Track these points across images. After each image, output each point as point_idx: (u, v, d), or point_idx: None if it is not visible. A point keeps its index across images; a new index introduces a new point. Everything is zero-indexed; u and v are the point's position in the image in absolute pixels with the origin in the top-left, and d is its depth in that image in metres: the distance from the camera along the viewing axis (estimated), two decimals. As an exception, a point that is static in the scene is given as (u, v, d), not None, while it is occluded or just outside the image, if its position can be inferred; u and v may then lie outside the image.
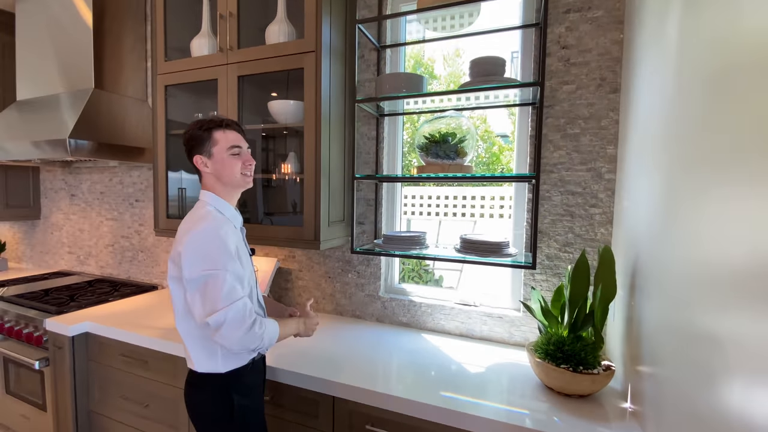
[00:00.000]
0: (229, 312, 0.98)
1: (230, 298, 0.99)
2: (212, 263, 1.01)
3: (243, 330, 0.99)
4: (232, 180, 1.14)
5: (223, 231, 1.04)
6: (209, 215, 1.08)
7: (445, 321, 1.62)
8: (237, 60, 1.60)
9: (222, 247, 1.02)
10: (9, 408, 2.00)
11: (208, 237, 1.02)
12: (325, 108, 1.48)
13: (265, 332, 1.04)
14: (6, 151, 2.04)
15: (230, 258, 1.03)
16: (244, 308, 1.01)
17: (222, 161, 1.12)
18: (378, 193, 1.70)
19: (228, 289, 1.00)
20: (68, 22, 2.10)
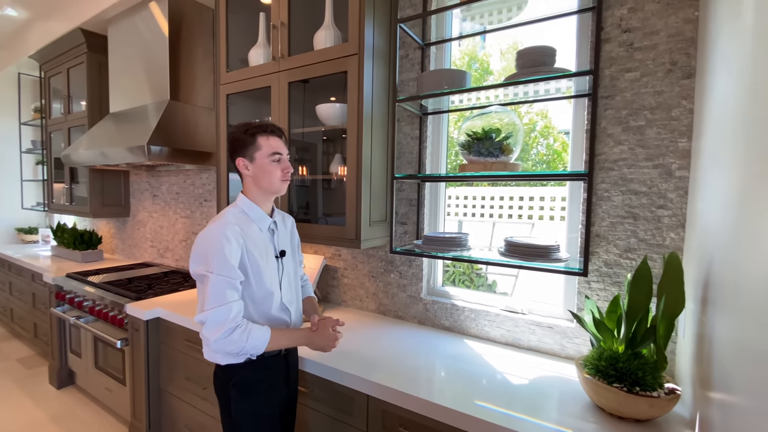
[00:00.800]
0: (210, 315, 1.03)
1: (215, 301, 1.04)
2: (206, 265, 1.06)
3: (220, 334, 1.02)
4: (269, 185, 1.18)
5: (230, 233, 1.08)
6: (225, 216, 1.13)
7: (489, 327, 1.54)
8: (287, 67, 1.69)
9: (219, 251, 1.06)
10: (96, 381, 2.31)
11: (210, 239, 1.07)
12: (366, 109, 1.49)
13: (249, 338, 1.05)
14: (106, 156, 2.36)
15: (224, 262, 1.06)
16: (226, 313, 1.04)
17: (262, 167, 1.16)
18: (420, 193, 1.68)
19: (215, 292, 1.04)
20: (151, 41, 2.37)
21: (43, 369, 2.91)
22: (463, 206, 3.26)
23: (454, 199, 3.29)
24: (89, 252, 3.01)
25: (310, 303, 1.42)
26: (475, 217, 3.21)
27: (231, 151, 1.20)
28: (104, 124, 2.60)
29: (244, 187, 1.22)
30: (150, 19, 2.37)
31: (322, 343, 1.18)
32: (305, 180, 2.00)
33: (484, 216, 3.21)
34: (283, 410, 1.24)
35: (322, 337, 1.18)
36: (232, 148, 1.19)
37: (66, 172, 3.12)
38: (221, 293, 1.05)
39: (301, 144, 2.01)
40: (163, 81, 2.31)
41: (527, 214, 2.95)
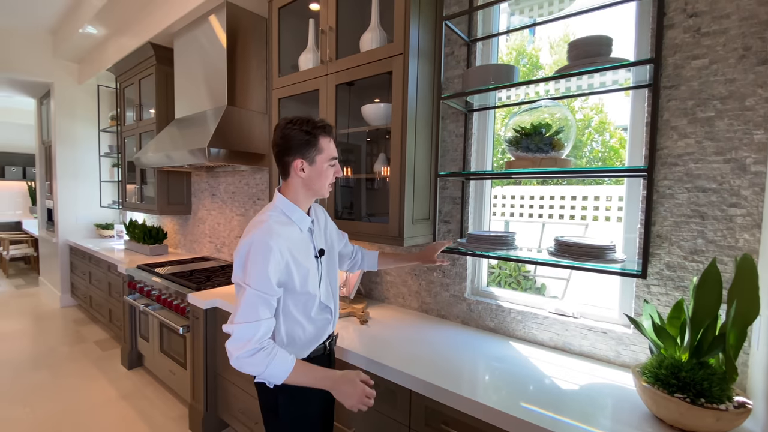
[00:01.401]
0: (238, 329, 0.98)
1: (245, 316, 0.98)
2: (245, 275, 1.01)
3: (243, 351, 0.97)
4: (319, 189, 1.13)
5: (274, 243, 1.01)
6: (268, 220, 1.05)
7: (537, 330, 1.49)
8: (335, 70, 1.74)
9: (260, 263, 0.99)
10: (161, 363, 2.52)
11: (253, 248, 1.00)
12: (411, 108, 1.50)
13: (270, 365, 0.97)
14: (171, 158, 2.58)
15: (263, 276, 0.99)
16: (253, 331, 0.98)
17: (320, 171, 1.10)
18: (465, 191, 1.66)
19: (247, 306, 0.99)
20: (210, 51, 2.55)
21: (116, 351, 3.23)
22: (510, 206, 3.15)
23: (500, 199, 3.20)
24: (156, 246, 3.30)
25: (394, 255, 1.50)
26: (523, 218, 3.09)
27: (285, 150, 1.09)
28: (169, 129, 2.84)
29: (287, 186, 1.13)
30: (209, 31, 2.55)
31: (348, 394, 1.04)
32: (349, 180, 2.05)
33: (533, 216, 3.09)
34: (325, 407, 1.21)
35: (350, 388, 1.04)
36: (286, 146, 1.09)
37: (137, 173, 3.45)
38: (253, 309, 0.99)
39: (345, 145, 2.06)
40: (221, 88, 2.48)
41: (580, 215, 2.79)
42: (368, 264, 1.51)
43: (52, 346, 3.30)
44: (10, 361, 2.99)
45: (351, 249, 1.48)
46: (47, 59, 4.11)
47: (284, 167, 1.12)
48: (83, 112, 4.40)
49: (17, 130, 7.15)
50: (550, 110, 1.28)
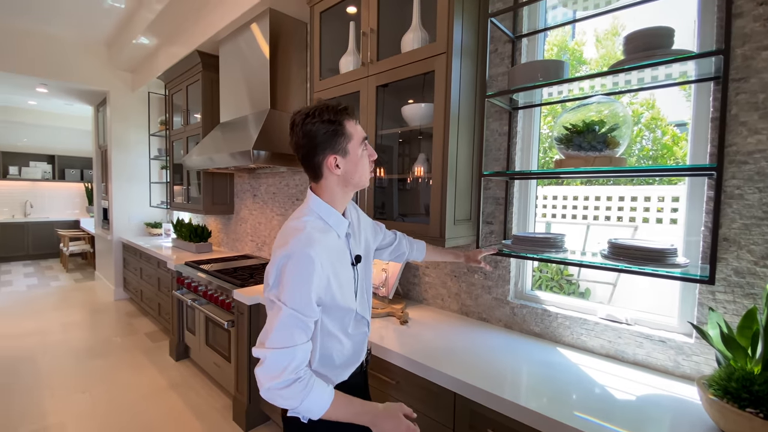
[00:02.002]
0: (270, 355, 0.84)
1: (280, 341, 0.85)
2: (280, 292, 0.87)
3: (275, 382, 0.82)
4: (359, 180, 0.99)
5: (316, 254, 0.87)
6: (305, 227, 0.91)
7: (587, 337, 1.43)
8: (376, 71, 1.75)
9: (300, 279, 0.86)
10: (207, 356, 2.64)
11: (291, 261, 0.87)
12: (453, 107, 1.49)
13: (306, 400, 0.84)
14: (213, 161, 2.70)
15: (303, 295, 0.86)
16: (288, 358, 0.83)
17: (356, 161, 0.96)
18: (509, 191, 1.62)
19: (282, 330, 0.85)
20: (253, 57, 2.65)
21: (165, 343, 3.41)
22: (552, 206, 3.04)
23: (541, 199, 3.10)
24: (201, 244, 3.46)
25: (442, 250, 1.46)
26: (566, 219, 2.98)
27: (311, 149, 0.94)
28: (213, 133, 2.97)
29: (322, 187, 0.99)
30: (251, 38, 2.65)
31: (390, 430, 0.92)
32: (382, 180, 2.05)
33: (577, 218, 2.97)
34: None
35: (391, 424, 0.92)
36: (312, 144, 0.93)
37: (184, 175, 3.63)
38: (289, 333, 0.85)
39: (379, 147, 2.07)
40: (263, 92, 2.56)
41: (628, 216, 2.65)
42: (417, 254, 1.40)
43: (107, 337, 3.53)
44: (72, 350, 3.23)
45: (393, 238, 1.33)
46: (104, 69, 4.42)
47: (315, 169, 0.97)
48: (135, 118, 4.70)
49: (76, 135, 7.74)
50: (603, 106, 1.23)
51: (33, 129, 7.24)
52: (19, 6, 3.49)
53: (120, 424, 2.23)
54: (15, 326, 3.73)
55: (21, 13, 3.62)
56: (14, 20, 3.77)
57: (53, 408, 2.38)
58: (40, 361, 3.00)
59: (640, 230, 2.52)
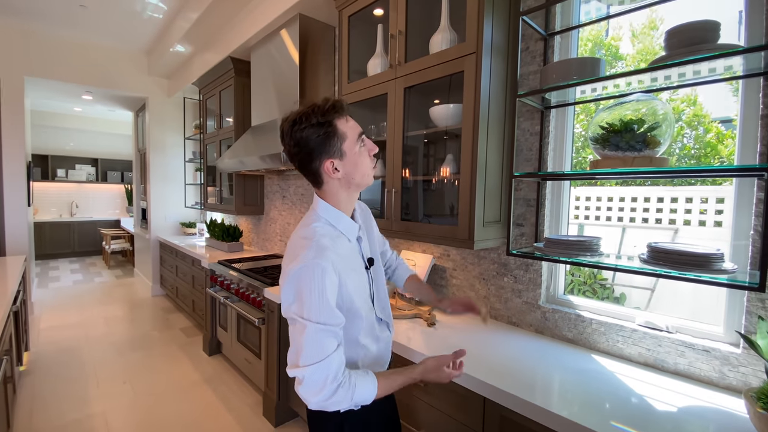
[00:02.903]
0: (308, 373, 0.83)
1: (313, 356, 0.84)
2: (300, 308, 0.86)
3: (321, 396, 0.84)
4: (362, 179, 0.96)
5: (327, 262, 0.86)
6: (314, 235, 0.90)
7: (624, 344, 1.38)
8: (404, 73, 1.76)
9: (317, 291, 0.85)
10: (238, 352, 2.72)
11: (304, 275, 0.85)
12: (483, 107, 1.47)
13: (354, 396, 0.86)
14: (244, 163, 2.78)
15: (323, 306, 0.85)
16: (326, 370, 0.84)
17: (355, 160, 0.93)
18: (540, 192, 1.58)
19: (312, 345, 0.84)
20: (282, 62, 2.71)
21: (198, 338, 3.55)
22: (585, 208, 2.94)
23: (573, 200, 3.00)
24: (233, 243, 3.57)
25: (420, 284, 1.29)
26: (600, 221, 2.87)
27: (305, 157, 0.91)
28: (244, 137, 3.06)
29: (325, 193, 0.97)
30: (281, 44, 2.71)
31: (437, 380, 0.98)
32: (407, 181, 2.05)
33: (611, 220, 2.86)
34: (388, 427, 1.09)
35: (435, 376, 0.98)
36: (305, 151, 0.91)
37: (217, 177, 3.76)
38: (320, 346, 0.84)
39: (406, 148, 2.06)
40: (291, 96, 2.62)
41: (668, 219, 2.52)
42: (398, 278, 1.35)
43: (145, 331, 3.71)
44: (114, 342, 3.42)
45: (389, 256, 1.34)
46: (143, 76, 4.66)
47: (315, 176, 0.94)
48: (171, 123, 4.91)
49: (117, 139, 8.18)
50: (643, 104, 1.18)
51: (78, 134, 7.72)
52: (69, 19, 3.73)
53: (158, 414, 2.34)
54: (63, 319, 3.98)
55: (70, 25, 3.87)
56: (64, 32, 4.04)
57: (97, 397, 2.52)
58: (85, 352, 3.19)
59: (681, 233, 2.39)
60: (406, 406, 1.45)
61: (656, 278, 2.64)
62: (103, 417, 2.31)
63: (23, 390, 2.56)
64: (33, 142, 7.09)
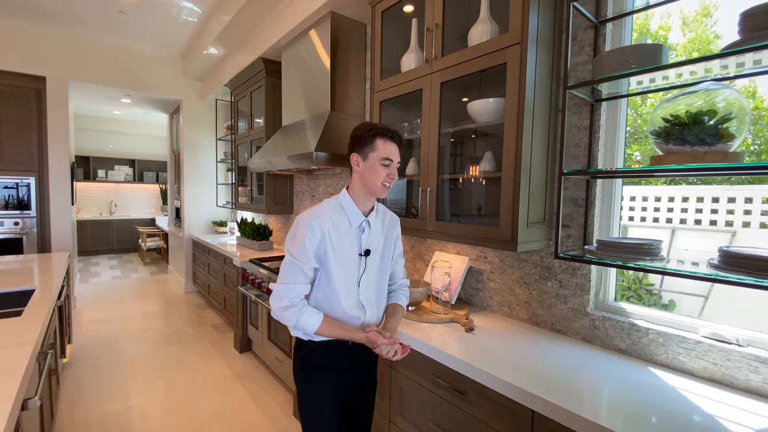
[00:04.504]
0: (277, 288, 1.20)
1: (284, 279, 1.20)
2: (289, 245, 1.22)
3: (278, 307, 1.19)
4: (371, 186, 1.24)
5: (315, 222, 1.19)
6: (322, 206, 1.25)
7: (685, 357, 1.26)
8: (440, 68, 1.69)
9: (301, 237, 1.19)
10: (268, 350, 2.73)
11: (299, 225, 1.21)
12: (528, 101, 1.38)
13: (299, 320, 1.18)
14: (272, 163, 2.79)
15: (302, 248, 1.19)
16: (287, 291, 1.19)
17: (371, 167, 1.22)
18: (590, 191, 1.48)
19: (287, 271, 1.21)
20: (312, 62, 2.70)
21: (229, 335, 3.60)
22: (629, 208, 2.77)
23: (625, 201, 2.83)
24: (263, 242, 3.61)
25: (392, 312, 1.40)
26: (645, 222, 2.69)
27: (350, 146, 1.27)
28: (275, 137, 3.08)
29: (351, 182, 1.29)
30: (311, 43, 2.70)
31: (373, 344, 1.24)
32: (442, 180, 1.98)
33: (659, 221, 2.67)
34: (346, 403, 1.31)
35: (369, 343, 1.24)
36: (351, 143, 1.26)
37: (248, 177, 3.81)
38: (291, 273, 1.20)
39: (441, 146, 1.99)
40: (322, 95, 2.60)
41: (724, 220, 2.32)
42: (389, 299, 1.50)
43: (179, 326, 3.81)
44: (150, 337, 3.52)
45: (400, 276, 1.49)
46: (178, 79, 4.79)
47: (350, 162, 1.28)
48: (204, 124, 5.03)
49: (153, 141, 8.50)
50: (716, 94, 1.06)
51: (117, 136, 8.07)
52: (109, 25, 3.88)
53: (191, 409, 2.38)
54: (103, 313, 4.15)
55: (110, 31, 4.03)
56: (104, 38, 4.21)
57: (135, 390, 2.59)
58: (123, 346, 3.30)
59: (739, 236, 2.20)
60: (447, 417, 1.39)
61: (711, 284, 2.44)
62: (141, 410, 2.36)
63: (66, 381, 2.67)
64: (76, 143, 7.47)
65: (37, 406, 1.24)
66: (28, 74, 3.87)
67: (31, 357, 1.22)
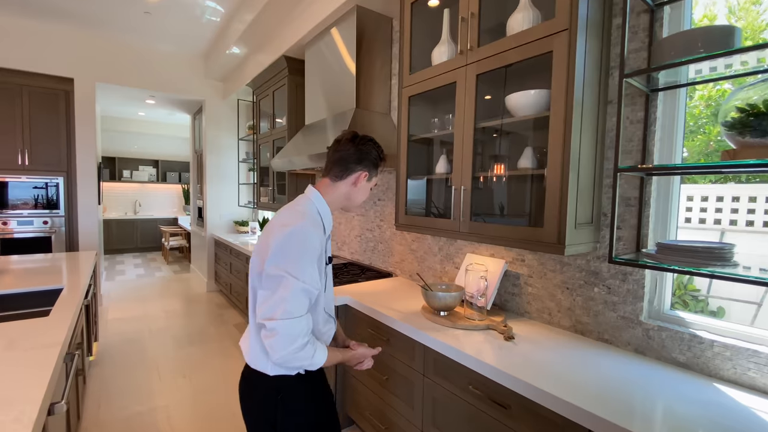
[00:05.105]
0: (283, 326, 0.96)
1: (291, 311, 0.97)
2: (293, 266, 0.98)
3: (291, 349, 0.96)
4: (354, 206, 1.21)
5: (315, 234, 1.04)
6: (309, 213, 1.09)
7: (756, 373, 1.13)
8: (476, 59, 1.60)
9: (308, 251, 1.00)
10: (294, 353, 2.68)
11: (299, 237, 1.00)
12: (577, 91, 1.28)
13: (315, 356, 1.02)
14: (293, 162, 2.74)
15: (310, 269, 1.00)
16: (299, 327, 0.97)
17: (365, 189, 1.20)
18: (644, 190, 1.36)
19: (294, 301, 0.97)
20: (336, 58, 2.64)
21: (251, 336, 3.58)
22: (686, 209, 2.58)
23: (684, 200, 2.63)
24: (284, 243, 3.57)
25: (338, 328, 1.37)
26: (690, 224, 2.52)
27: (359, 159, 1.15)
28: (296, 137, 3.03)
29: (329, 188, 1.17)
30: (334, 40, 2.64)
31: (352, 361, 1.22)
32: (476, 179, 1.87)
33: (706, 222, 2.49)
34: (324, 420, 1.17)
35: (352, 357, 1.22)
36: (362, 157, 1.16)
37: (270, 176, 3.79)
38: (300, 303, 0.98)
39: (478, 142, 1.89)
40: (347, 92, 2.54)
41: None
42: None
43: (202, 326, 3.82)
44: (174, 336, 3.54)
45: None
46: (201, 80, 4.82)
47: (347, 172, 1.15)
48: (226, 124, 5.06)
49: (176, 142, 8.65)
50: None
51: (141, 137, 8.24)
52: (135, 26, 3.92)
53: (216, 410, 2.35)
54: (128, 311, 4.20)
55: (135, 32, 4.08)
56: (130, 39, 4.26)
57: (160, 390, 2.58)
58: (148, 345, 3.32)
59: (800, 239, 2.02)
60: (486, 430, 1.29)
61: (766, 290, 2.26)
62: (166, 410, 2.35)
63: (92, 380, 2.68)
64: (102, 145, 7.66)
65: (64, 411, 1.21)
66: (57, 76, 3.95)
67: (58, 359, 1.19)
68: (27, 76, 3.82)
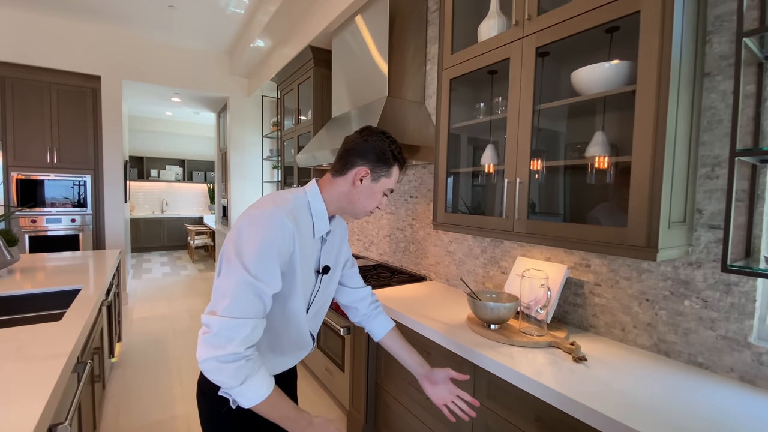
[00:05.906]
0: (220, 323, 0.76)
1: (234, 309, 0.77)
2: (244, 252, 0.80)
3: (219, 354, 0.75)
4: (358, 211, 1.01)
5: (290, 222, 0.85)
6: (290, 202, 0.91)
7: None
8: (535, 30, 1.37)
9: (270, 244, 0.81)
10: (318, 360, 2.51)
11: (267, 223, 0.83)
12: (675, 59, 1.03)
13: (245, 383, 0.76)
14: (316, 158, 2.57)
15: (269, 263, 0.81)
16: (239, 330, 0.77)
17: (373, 192, 0.99)
18: (757, 181, 1.09)
19: (240, 297, 0.78)
20: (365, 46, 2.45)
21: (275, 339, 3.45)
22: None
23: None
24: (309, 242, 3.42)
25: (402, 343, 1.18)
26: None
27: (360, 152, 0.97)
28: (321, 131, 2.87)
29: (333, 183, 0.98)
30: (366, 26, 2.46)
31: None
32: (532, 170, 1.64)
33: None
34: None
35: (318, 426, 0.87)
36: (364, 150, 0.97)
37: (294, 173, 3.65)
38: (247, 303, 0.79)
39: (536, 128, 1.66)
40: (374, 82, 2.35)
41: None
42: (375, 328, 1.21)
43: (225, 327, 3.71)
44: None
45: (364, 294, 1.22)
46: (225, 76, 4.75)
47: (347, 166, 0.98)
48: (250, 121, 4.97)
49: (201, 142, 8.72)
50: None
51: (168, 137, 8.34)
52: (159, 21, 3.86)
53: (238, 423, 2.20)
54: (153, 310, 4.16)
55: (160, 28, 4.02)
56: (155, 36, 4.22)
57: (181, 396, 2.47)
58: (171, 346, 3.23)
59: None
60: (554, 472, 1.07)
61: None
62: (186, 420, 2.22)
63: (112, 384, 2.60)
64: (130, 144, 7.79)
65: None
66: (84, 74, 3.94)
67: (62, 373, 1.04)
68: (55, 73, 3.82)
